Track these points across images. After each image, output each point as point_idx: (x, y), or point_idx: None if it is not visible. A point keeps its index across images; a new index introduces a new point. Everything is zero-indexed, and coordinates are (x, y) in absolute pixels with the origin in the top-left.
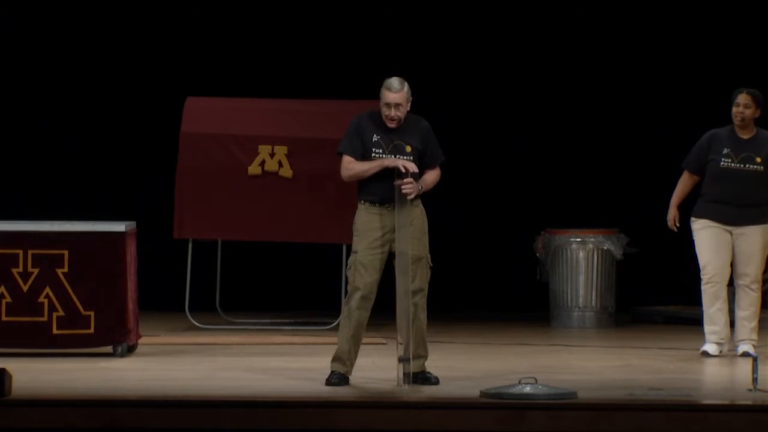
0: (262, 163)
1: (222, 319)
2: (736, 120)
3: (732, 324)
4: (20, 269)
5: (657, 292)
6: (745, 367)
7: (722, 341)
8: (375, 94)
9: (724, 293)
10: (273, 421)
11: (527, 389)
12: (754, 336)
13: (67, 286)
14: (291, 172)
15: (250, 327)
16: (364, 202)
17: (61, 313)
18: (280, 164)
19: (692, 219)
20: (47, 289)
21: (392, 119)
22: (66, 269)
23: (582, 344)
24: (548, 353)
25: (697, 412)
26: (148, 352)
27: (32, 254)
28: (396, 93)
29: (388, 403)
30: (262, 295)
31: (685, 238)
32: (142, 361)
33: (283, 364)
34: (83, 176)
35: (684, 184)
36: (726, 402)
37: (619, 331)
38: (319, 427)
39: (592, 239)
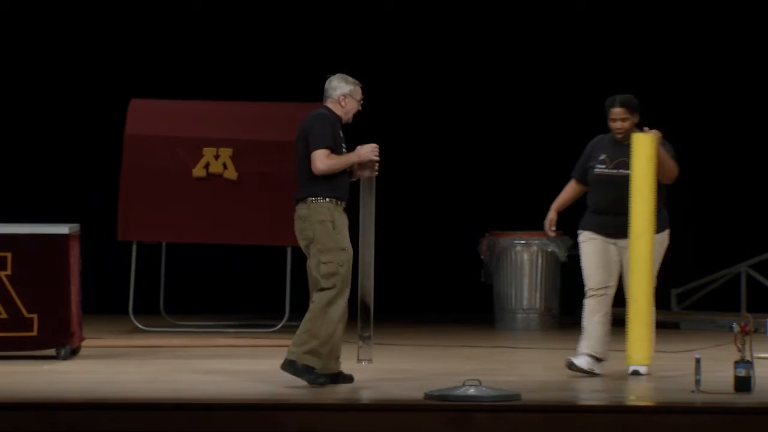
0: (207, 166)
1: (166, 322)
2: (617, 136)
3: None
4: None
5: None
6: (687, 368)
7: (596, 354)
8: (319, 96)
9: (605, 307)
10: (218, 424)
11: (471, 391)
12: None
13: (10, 289)
14: (236, 174)
15: (195, 330)
16: (332, 199)
17: (4, 315)
18: (225, 166)
19: (578, 231)
20: None
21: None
22: (9, 272)
23: (526, 346)
24: (492, 355)
25: (639, 413)
26: (92, 355)
27: None
28: None
29: (333, 405)
30: (207, 297)
31: None
32: (85, 363)
33: (227, 366)
34: (26, 178)
35: (568, 190)
36: (669, 403)
37: (563, 333)
38: (265, 429)
39: (536, 241)
